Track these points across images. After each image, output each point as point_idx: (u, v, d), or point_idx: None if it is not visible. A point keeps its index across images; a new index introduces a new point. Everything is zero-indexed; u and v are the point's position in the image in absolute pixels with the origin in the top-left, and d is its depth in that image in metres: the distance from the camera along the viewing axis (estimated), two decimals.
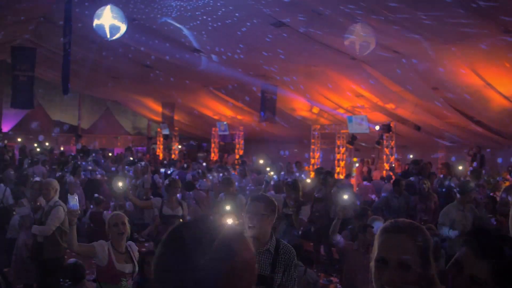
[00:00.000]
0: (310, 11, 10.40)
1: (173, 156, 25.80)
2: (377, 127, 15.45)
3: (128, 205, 9.43)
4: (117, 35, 10.73)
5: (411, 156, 16.20)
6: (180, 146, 27.49)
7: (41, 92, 26.77)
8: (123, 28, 10.62)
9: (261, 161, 11.99)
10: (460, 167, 13.10)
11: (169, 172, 13.65)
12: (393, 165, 15.61)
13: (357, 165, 18.70)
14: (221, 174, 13.30)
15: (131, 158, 16.71)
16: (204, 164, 16.75)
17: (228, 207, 7.99)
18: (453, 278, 1.97)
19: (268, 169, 12.97)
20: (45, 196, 6.49)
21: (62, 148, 26.35)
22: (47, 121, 27.84)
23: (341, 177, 16.36)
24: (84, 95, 28.81)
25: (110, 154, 23.61)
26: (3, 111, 26.36)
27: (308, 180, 11.96)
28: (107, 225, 4.98)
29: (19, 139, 26.19)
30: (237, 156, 22.20)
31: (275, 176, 12.65)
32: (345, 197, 6.07)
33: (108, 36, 10.63)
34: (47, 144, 25.07)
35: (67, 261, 5.60)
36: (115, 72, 20.59)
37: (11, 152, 21.64)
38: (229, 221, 3.57)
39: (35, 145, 23.39)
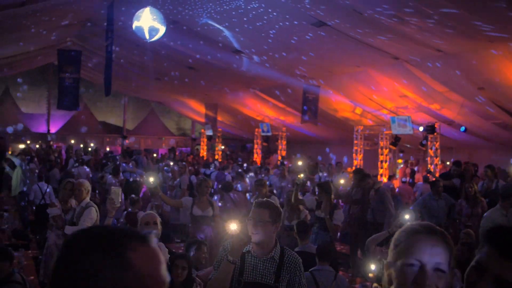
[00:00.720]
0: (351, 11, 10.22)
1: (216, 157, 25.90)
2: (421, 128, 15.07)
3: (165, 205, 9.44)
4: (156, 37, 10.80)
5: (452, 159, 15.70)
6: (223, 147, 27.58)
7: (88, 94, 27.34)
8: (162, 29, 10.69)
9: (300, 162, 11.78)
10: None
11: (208, 172, 13.67)
12: (432, 166, 15.22)
13: (401, 166, 18.34)
14: (260, 175, 13.22)
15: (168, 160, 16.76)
16: (245, 165, 16.72)
17: None
18: (473, 285, 1.79)
19: (302, 170, 12.74)
20: (77, 196, 6.50)
21: (108, 149, 26.85)
22: (93, 122, 28.38)
23: (385, 179, 16.08)
24: (129, 96, 29.27)
25: (154, 155, 23.89)
26: (51, 113, 26.98)
27: (342, 181, 11.73)
28: (139, 223, 4.96)
29: (69, 140, 26.77)
30: (280, 157, 22.08)
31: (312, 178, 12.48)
32: (407, 217, 5.79)
33: (147, 37, 10.71)
34: (92, 145, 25.54)
35: None
36: (159, 74, 20.80)
37: (57, 153, 22.12)
38: (233, 226, 3.42)
39: (81, 145, 23.84)
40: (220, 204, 10.57)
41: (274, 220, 3.61)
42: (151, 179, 7.00)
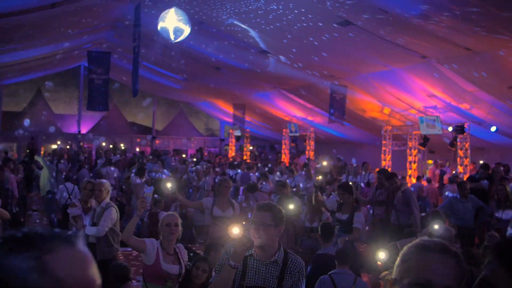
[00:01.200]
0: (377, 10, 10.09)
1: (244, 157, 25.90)
2: (450, 128, 14.79)
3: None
4: (181, 37, 10.83)
5: (483, 161, 15.36)
6: (251, 148, 27.57)
7: (117, 95, 27.65)
8: (187, 30, 10.70)
9: (325, 163, 11.66)
10: None
11: (231, 173, 13.63)
12: (462, 167, 14.94)
13: (431, 167, 18.07)
14: (285, 176, 13.14)
15: (195, 159, 16.75)
16: (269, 165, 16.64)
17: (291, 206, 7.86)
18: None
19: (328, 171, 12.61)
20: (97, 197, 6.53)
21: (138, 149, 27.11)
22: (123, 123, 28.66)
23: (413, 180, 15.87)
24: (158, 97, 29.49)
25: (183, 155, 24.02)
26: (82, 113, 27.33)
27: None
28: (160, 224, 4.94)
29: (100, 141, 27.08)
30: (308, 158, 21.95)
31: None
32: (436, 227, 5.67)
33: (172, 38, 10.74)
34: (122, 145, 25.79)
35: (113, 262, 5.62)
36: (187, 75, 20.93)
37: (87, 153, 22.41)
38: (235, 230, 3.36)
39: (111, 146, 24.10)
40: (245, 204, 10.55)
41: (277, 224, 3.50)
42: (169, 185, 6.96)
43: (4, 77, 22.87)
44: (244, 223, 3.67)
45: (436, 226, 5.31)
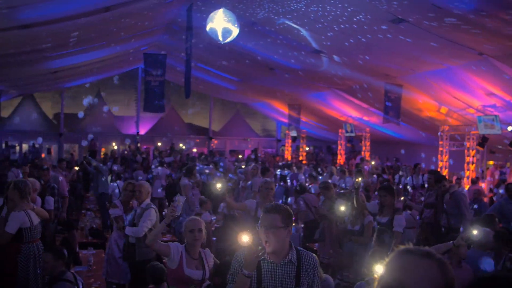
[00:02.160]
0: (430, 5, 9.80)
1: (300, 158, 25.78)
2: (510, 128, 14.21)
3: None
4: (230, 38, 10.83)
5: None
6: (308, 148, 27.42)
7: (174, 96, 28.07)
8: (235, 31, 10.70)
9: (373, 163, 11.40)
10: None
11: (278, 174, 13.53)
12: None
13: (490, 167, 17.44)
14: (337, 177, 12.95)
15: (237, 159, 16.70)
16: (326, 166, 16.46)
17: (342, 208, 7.72)
18: None
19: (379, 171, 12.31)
20: (138, 198, 6.62)
21: (195, 150, 27.43)
22: (180, 124, 29.05)
23: (469, 181, 15.36)
24: (215, 98, 29.76)
25: (240, 156, 24.13)
26: (140, 115, 27.88)
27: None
28: (183, 229, 4.94)
29: (157, 142, 27.62)
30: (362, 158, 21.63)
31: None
32: (475, 232, 5.43)
33: (221, 39, 10.76)
34: (181, 145, 26.14)
35: (150, 263, 5.65)
36: (241, 75, 21.00)
37: (145, 154, 22.84)
38: (245, 238, 3.27)
39: (168, 147, 24.50)
40: (294, 206, 10.46)
41: (287, 224, 3.40)
42: (218, 186, 6.91)
43: (65, 80, 23.63)
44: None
45: (474, 232, 5.08)
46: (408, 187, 13.49)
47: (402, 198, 9.49)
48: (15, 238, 5.87)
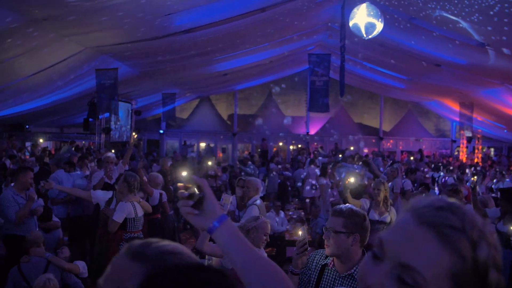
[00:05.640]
0: None
1: (476, 160, 24.13)
2: None
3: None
4: (374, 33, 10.51)
5: None
6: (484, 150, 25.57)
7: (344, 96, 27.91)
8: (379, 25, 10.37)
9: None
10: None
11: (427, 176, 12.71)
12: None
13: None
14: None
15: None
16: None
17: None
18: None
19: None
20: (245, 193, 6.73)
21: (366, 151, 27.03)
22: (350, 123, 28.82)
23: None
24: (385, 97, 29.08)
25: (412, 158, 23.26)
26: (311, 115, 28.16)
27: None
28: (256, 231, 4.70)
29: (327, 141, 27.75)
30: None
31: None
32: None
33: (364, 35, 10.48)
34: (351, 148, 25.87)
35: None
36: (409, 73, 20.32)
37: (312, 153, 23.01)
38: (301, 233, 3.11)
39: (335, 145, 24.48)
40: None
41: (351, 231, 3.06)
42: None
43: (236, 82, 24.76)
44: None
45: None
46: None
47: None
48: (119, 227, 6.28)
